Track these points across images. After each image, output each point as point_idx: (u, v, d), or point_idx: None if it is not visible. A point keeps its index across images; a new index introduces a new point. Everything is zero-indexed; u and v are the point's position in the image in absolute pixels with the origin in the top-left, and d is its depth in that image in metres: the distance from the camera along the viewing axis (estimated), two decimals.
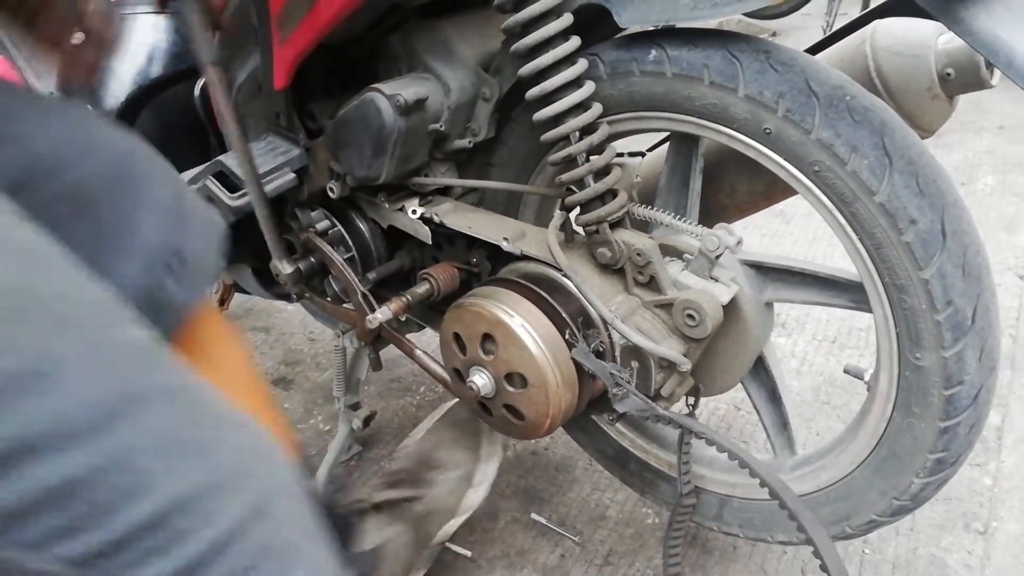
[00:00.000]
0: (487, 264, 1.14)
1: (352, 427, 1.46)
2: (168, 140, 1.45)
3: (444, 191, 1.16)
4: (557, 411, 0.93)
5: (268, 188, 1.09)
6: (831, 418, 1.47)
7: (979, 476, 1.33)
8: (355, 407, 1.46)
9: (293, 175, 1.11)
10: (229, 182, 1.11)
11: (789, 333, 1.74)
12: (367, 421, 1.45)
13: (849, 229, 0.83)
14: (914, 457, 0.89)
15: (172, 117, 1.43)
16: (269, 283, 1.39)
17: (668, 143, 1.12)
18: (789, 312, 1.82)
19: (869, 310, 0.89)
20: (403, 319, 1.22)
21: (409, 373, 1.81)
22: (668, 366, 0.93)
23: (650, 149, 1.19)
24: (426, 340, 1.34)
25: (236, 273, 1.42)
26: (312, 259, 1.25)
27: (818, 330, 1.75)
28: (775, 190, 1.10)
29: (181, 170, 1.26)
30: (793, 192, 1.11)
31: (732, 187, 1.11)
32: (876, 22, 0.98)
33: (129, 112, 1.40)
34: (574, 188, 0.94)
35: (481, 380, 0.96)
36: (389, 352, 1.42)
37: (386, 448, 1.55)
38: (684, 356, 0.92)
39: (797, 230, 2.26)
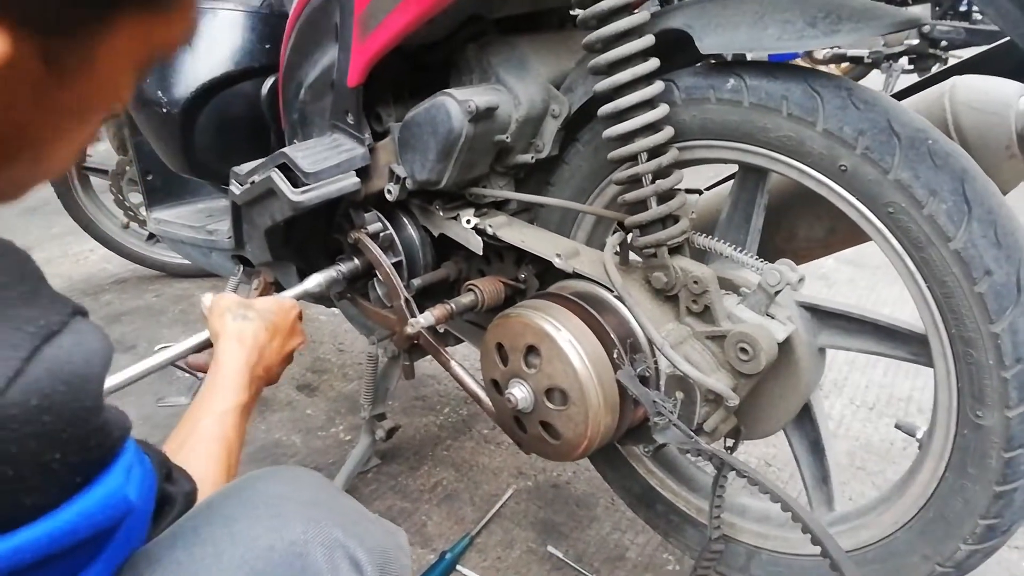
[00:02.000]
0: (534, 281, 1.13)
1: (375, 437, 1.44)
2: (230, 133, 1.48)
3: (498, 205, 1.16)
4: (595, 433, 0.91)
5: (332, 189, 1.09)
6: (865, 484, 1.43)
7: (1017, 560, 1.28)
8: (380, 417, 1.44)
9: (357, 179, 1.11)
10: (292, 175, 1.12)
11: (827, 395, 1.70)
12: (391, 433, 1.43)
13: (918, 275, 0.80)
14: (963, 522, 0.85)
15: (237, 111, 1.45)
16: None
17: (731, 180, 1.12)
18: (827, 375, 1.77)
19: (929, 364, 0.86)
20: (441, 330, 1.21)
21: (434, 392, 1.79)
22: (714, 400, 0.91)
23: (707, 188, 1.19)
24: (460, 356, 1.32)
25: (280, 271, 1.42)
26: (358, 260, 1.25)
27: (856, 395, 1.70)
28: (833, 238, 1.09)
29: (240, 162, 1.28)
30: (850, 243, 1.10)
31: (790, 231, 1.10)
32: (956, 77, 0.97)
33: (197, 103, 1.42)
34: (635, 209, 0.93)
35: (520, 393, 0.94)
36: (417, 370, 1.41)
37: (405, 464, 1.53)
38: (733, 391, 0.90)
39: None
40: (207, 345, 0.97)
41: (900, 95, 1.05)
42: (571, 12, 1.23)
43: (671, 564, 1.26)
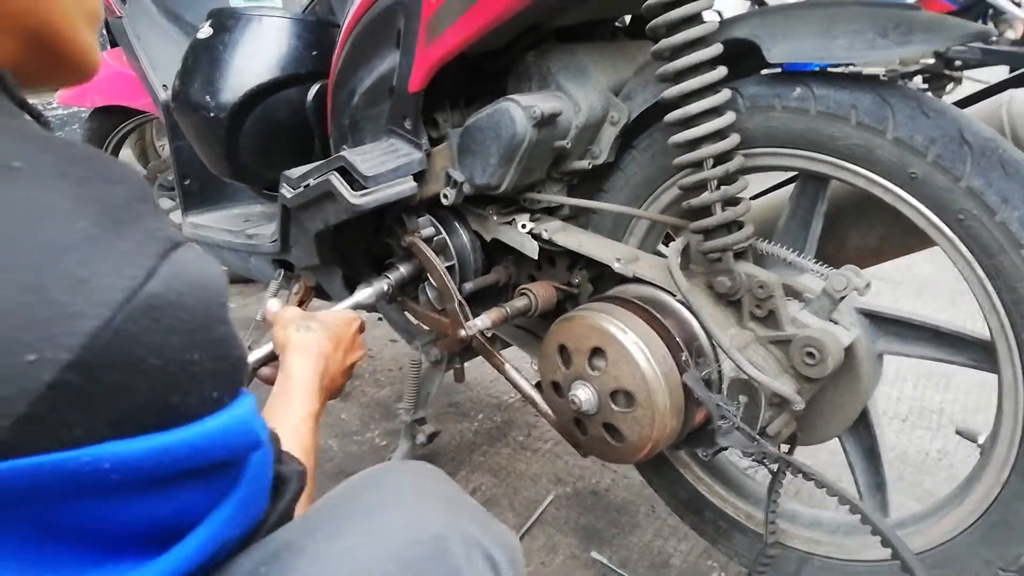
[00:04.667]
0: (588, 286, 1.14)
1: (415, 442, 1.45)
2: (275, 138, 1.50)
3: (551, 211, 1.17)
4: (660, 436, 0.92)
5: (391, 192, 1.11)
6: (904, 495, 1.43)
7: None
8: (421, 422, 1.44)
9: (415, 184, 1.13)
10: (349, 179, 1.13)
11: None
12: (431, 438, 1.44)
13: (988, 283, 0.82)
14: None
15: (282, 117, 1.47)
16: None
17: (778, 188, 1.13)
18: None
19: (992, 370, 0.88)
20: (490, 334, 1.22)
21: (466, 399, 1.80)
22: (778, 404, 0.92)
23: (753, 197, 1.20)
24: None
25: (324, 276, 1.43)
26: (409, 265, 1.27)
27: (888, 407, 1.71)
28: (885, 247, 1.10)
29: (283, 167, 1.30)
30: (902, 252, 1.11)
31: (842, 240, 1.11)
32: (1014, 90, 0.99)
33: (244, 109, 1.44)
34: (699, 215, 0.94)
35: (585, 395, 0.95)
36: (447, 377, 1.42)
37: (443, 470, 1.53)
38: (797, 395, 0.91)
39: None
40: (273, 357, 0.97)
41: (960, 104, 1.06)
42: (617, 25, 1.27)
43: (716, 571, 1.26)
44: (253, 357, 0.97)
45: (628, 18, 1.26)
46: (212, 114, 1.44)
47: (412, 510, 0.49)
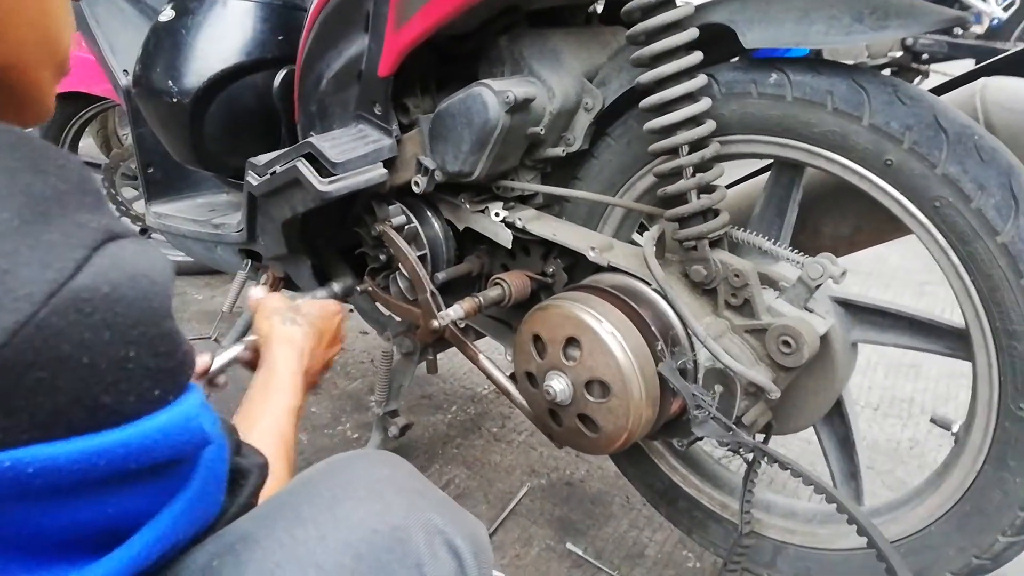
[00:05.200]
0: (563, 275, 1.12)
1: (387, 434, 1.42)
2: (240, 124, 1.46)
3: (524, 199, 1.15)
4: (636, 426, 0.91)
5: (360, 179, 1.08)
6: (875, 483, 1.44)
7: None
8: (393, 414, 1.42)
9: (384, 171, 1.10)
10: (317, 166, 1.10)
11: None
12: (404, 430, 1.42)
13: (962, 270, 0.81)
14: (1002, 514, 0.86)
15: (248, 102, 1.43)
16: (324, 280, 1.37)
17: (753, 177, 1.12)
18: None
19: (967, 358, 0.88)
20: (463, 325, 1.20)
21: (440, 391, 1.78)
22: (754, 393, 0.91)
23: (729, 186, 1.19)
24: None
25: (292, 266, 1.40)
26: (380, 254, 1.24)
27: (859, 396, 1.72)
28: (859, 236, 1.10)
29: (249, 154, 1.26)
30: (876, 240, 1.11)
31: (816, 228, 1.11)
32: (986, 78, 0.99)
33: (208, 94, 1.40)
34: (675, 202, 0.93)
35: (559, 385, 0.93)
36: (419, 369, 1.40)
37: (416, 462, 1.51)
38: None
39: None
40: (257, 346, 0.94)
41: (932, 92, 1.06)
42: (593, 10, 1.25)
43: (691, 561, 1.26)
44: (237, 350, 0.94)
45: (602, 3, 1.24)
46: (175, 100, 1.39)
47: (371, 500, 0.47)
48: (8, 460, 0.31)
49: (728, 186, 1.18)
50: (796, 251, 0.92)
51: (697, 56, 0.89)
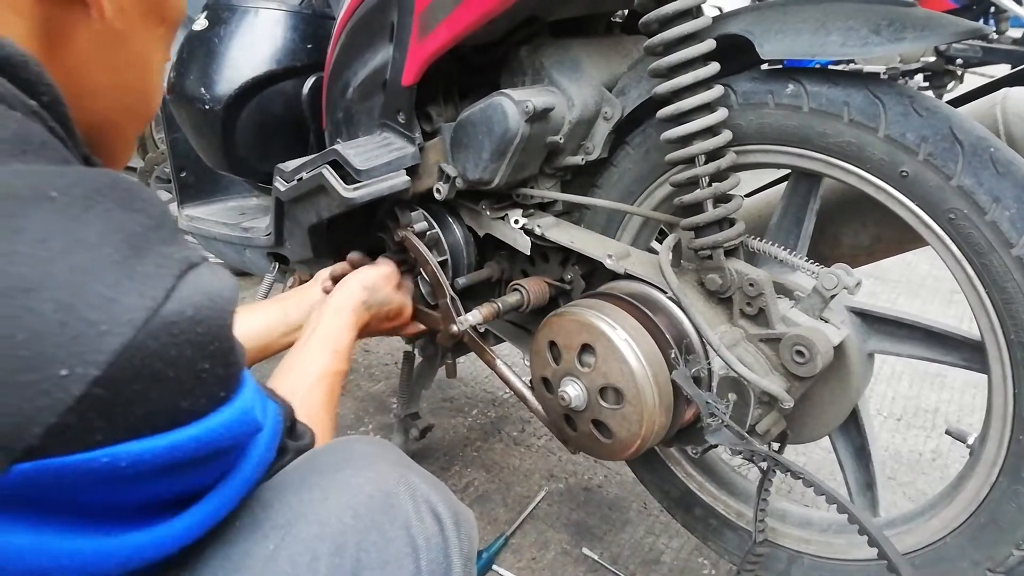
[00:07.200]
0: (581, 282, 1.14)
1: (408, 436, 1.45)
2: (270, 131, 1.49)
3: (544, 207, 1.17)
4: (649, 433, 0.92)
5: (383, 186, 1.11)
6: (896, 494, 1.43)
7: None
8: (414, 416, 1.44)
9: (407, 178, 1.12)
10: (342, 172, 1.13)
11: None
12: (424, 432, 1.44)
13: (977, 282, 0.81)
14: (1017, 526, 0.85)
15: (278, 109, 1.46)
16: None
17: (771, 187, 1.13)
18: None
19: (982, 370, 0.87)
20: (482, 330, 1.22)
21: (461, 395, 1.80)
22: (768, 402, 0.91)
23: (749, 194, 1.20)
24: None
25: (317, 269, 1.43)
26: (403, 259, 1.26)
27: (883, 406, 1.71)
28: (878, 246, 1.10)
29: (278, 160, 1.29)
30: (895, 251, 1.11)
31: (836, 238, 1.11)
32: (1007, 89, 0.98)
33: (239, 101, 1.44)
34: (691, 211, 0.94)
35: (574, 391, 0.95)
36: (441, 372, 1.42)
37: (436, 464, 1.53)
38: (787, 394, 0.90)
39: None
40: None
41: (951, 105, 1.06)
42: (614, 19, 1.27)
43: (707, 568, 1.26)
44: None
45: (625, 12, 1.25)
46: (207, 106, 1.43)
47: (367, 469, 0.54)
48: (106, 457, 0.37)
49: (747, 195, 1.19)
50: (813, 261, 0.92)
51: (714, 67, 0.90)
